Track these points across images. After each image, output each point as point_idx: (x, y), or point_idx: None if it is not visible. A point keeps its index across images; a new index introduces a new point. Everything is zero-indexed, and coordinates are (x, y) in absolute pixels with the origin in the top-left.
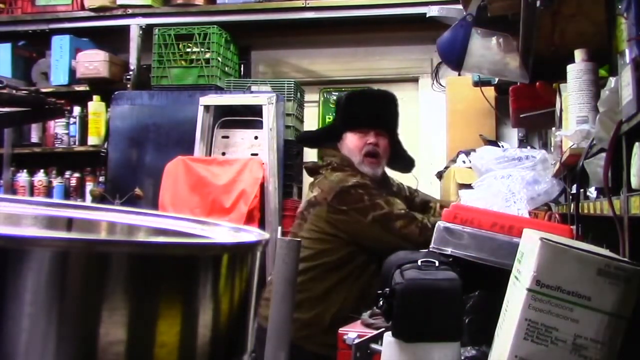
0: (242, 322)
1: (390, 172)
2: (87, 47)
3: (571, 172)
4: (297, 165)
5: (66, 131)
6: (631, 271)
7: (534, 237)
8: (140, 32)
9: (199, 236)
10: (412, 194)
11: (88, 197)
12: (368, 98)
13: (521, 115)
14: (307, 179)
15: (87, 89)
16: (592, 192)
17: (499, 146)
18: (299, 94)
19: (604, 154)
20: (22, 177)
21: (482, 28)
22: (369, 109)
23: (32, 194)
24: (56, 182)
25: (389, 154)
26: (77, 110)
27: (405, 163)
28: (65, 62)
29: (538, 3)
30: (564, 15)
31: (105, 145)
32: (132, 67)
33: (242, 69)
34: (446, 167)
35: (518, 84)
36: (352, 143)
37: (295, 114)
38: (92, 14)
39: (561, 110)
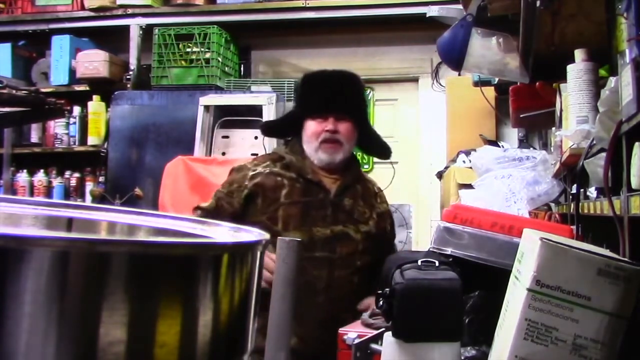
0: (242, 322)
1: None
2: (87, 47)
3: (571, 172)
4: None
5: (66, 131)
6: (631, 271)
7: (534, 237)
8: (140, 32)
9: (199, 236)
10: (388, 230)
11: (88, 197)
12: (324, 80)
13: (521, 115)
14: None
15: (87, 89)
16: (592, 192)
17: (499, 146)
18: None
19: (604, 154)
20: (22, 177)
21: (482, 28)
22: (326, 92)
23: (32, 194)
24: (56, 182)
25: (354, 140)
26: (77, 110)
27: (379, 149)
28: (65, 62)
29: (538, 3)
30: (564, 15)
31: (105, 145)
32: (132, 67)
33: (242, 69)
34: (446, 167)
35: (518, 84)
36: (310, 130)
37: None
38: (92, 14)
39: (561, 110)
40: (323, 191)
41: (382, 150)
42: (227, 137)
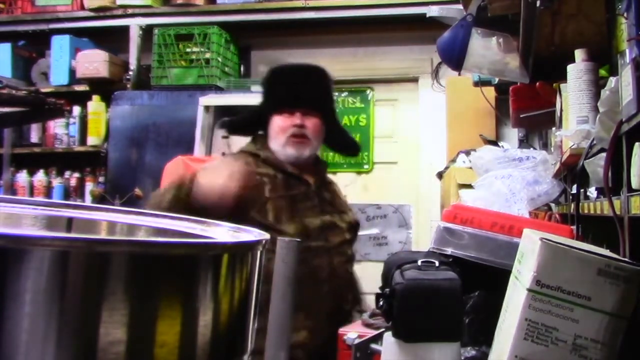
0: (242, 322)
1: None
2: (87, 47)
3: (571, 172)
4: None
5: (66, 131)
6: (631, 271)
7: (534, 237)
8: (140, 32)
9: (199, 236)
10: (353, 232)
11: (88, 197)
12: (291, 74)
13: (521, 115)
14: None
15: (87, 89)
16: (592, 192)
17: (499, 146)
18: None
19: (604, 154)
20: (22, 177)
21: (482, 28)
22: (293, 86)
23: (32, 194)
24: (56, 182)
25: (321, 137)
26: (77, 110)
27: (348, 146)
28: (65, 62)
29: (538, 3)
30: (564, 15)
31: (105, 145)
32: (132, 67)
33: (242, 69)
34: (446, 167)
35: (518, 84)
36: (276, 126)
37: None
38: (92, 14)
39: (561, 110)
40: (304, 184)
41: (350, 148)
42: (227, 137)
